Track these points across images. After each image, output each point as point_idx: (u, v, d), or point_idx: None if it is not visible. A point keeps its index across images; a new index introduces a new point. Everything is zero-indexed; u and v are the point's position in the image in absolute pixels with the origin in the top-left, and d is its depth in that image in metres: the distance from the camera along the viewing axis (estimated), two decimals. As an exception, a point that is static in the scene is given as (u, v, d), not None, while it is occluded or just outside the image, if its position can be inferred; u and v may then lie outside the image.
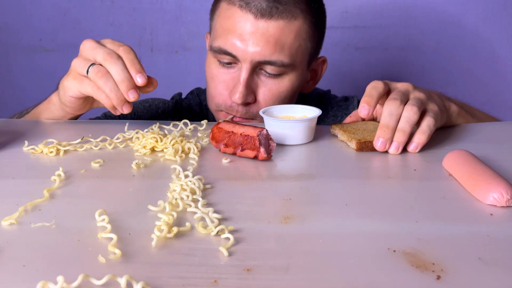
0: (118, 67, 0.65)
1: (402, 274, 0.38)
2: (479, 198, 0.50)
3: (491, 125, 0.82)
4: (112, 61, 0.66)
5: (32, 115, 0.83)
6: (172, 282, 0.37)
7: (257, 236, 0.44)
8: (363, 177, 0.59)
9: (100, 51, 0.67)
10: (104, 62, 0.66)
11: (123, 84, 0.65)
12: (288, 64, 0.82)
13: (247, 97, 0.82)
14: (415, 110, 0.65)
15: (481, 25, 1.44)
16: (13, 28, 1.52)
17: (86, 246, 0.42)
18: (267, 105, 0.84)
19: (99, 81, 0.66)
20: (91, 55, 0.68)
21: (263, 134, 0.61)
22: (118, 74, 0.65)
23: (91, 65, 0.67)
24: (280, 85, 0.84)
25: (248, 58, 0.80)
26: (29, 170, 0.60)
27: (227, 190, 0.54)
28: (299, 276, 0.38)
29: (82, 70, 0.68)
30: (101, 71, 0.66)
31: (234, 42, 0.80)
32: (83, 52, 0.70)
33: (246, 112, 0.85)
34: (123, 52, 0.67)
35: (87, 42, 0.70)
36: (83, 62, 0.68)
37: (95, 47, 0.68)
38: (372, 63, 1.51)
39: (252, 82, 0.83)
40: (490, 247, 0.42)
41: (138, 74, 0.66)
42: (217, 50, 0.83)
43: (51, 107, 0.79)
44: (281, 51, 0.80)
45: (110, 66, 0.66)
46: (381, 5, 1.44)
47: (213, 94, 0.87)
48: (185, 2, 1.47)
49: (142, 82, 0.66)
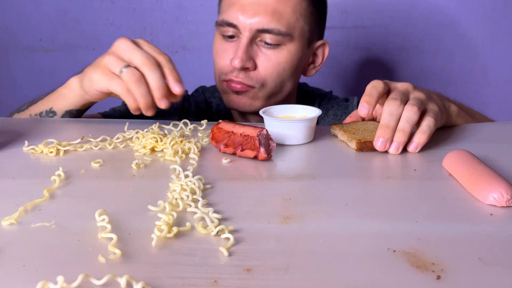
0: (156, 74, 0.66)
1: (402, 274, 0.38)
2: (479, 198, 0.50)
3: (491, 125, 0.82)
4: (151, 67, 0.66)
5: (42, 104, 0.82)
6: (172, 282, 0.37)
7: (257, 236, 0.44)
8: (363, 177, 0.59)
9: (138, 54, 0.67)
10: (142, 67, 0.66)
11: (158, 91, 0.66)
12: (285, 33, 0.87)
13: (245, 62, 0.87)
14: (415, 110, 0.65)
15: (481, 25, 1.44)
16: (13, 28, 1.52)
17: (86, 246, 0.42)
18: (267, 75, 0.89)
19: (132, 85, 0.66)
20: (127, 56, 0.68)
21: (263, 134, 0.61)
22: (155, 81, 0.66)
23: (126, 66, 0.67)
24: (279, 55, 0.89)
25: (248, 27, 0.86)
26: (29, 170, 0.60)
27: (227, 190, 0.54)
28: (299, 276, 0.38)
29: (115, 69, 0.68)
30: (136, 75, 0.66)
31: (236, 13, 0.87)
32: (118, 50, 0.69)
33: (245, 77, 0.89)
34: (164, 61, 0.68)
35: (123, 41, 0.69)
36: (117, 61, 0.68)
37: (132, 48, 0.68)
38: (372, 63, 1.51)
39: (252, 50, 0.89)
40: (490, 247, 0.42)
41: (177, 83, 0.67)
42: (221, 23, 0.90)
43: (68, 93, 0.78)
44: (279, 21, 0.86)
45: (148, 72, 0.66)
46: (381, 5, 1.44)
47: (218, 67, 0.93)
48: (185, 2, 1.47)
49: (179, 91, 0.67)
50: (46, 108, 0.80)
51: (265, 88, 0.91)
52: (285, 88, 0.94)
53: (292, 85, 0.95)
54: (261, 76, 0.89)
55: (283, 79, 0.92)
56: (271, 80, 0.90)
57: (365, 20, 1.44)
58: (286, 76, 0.91)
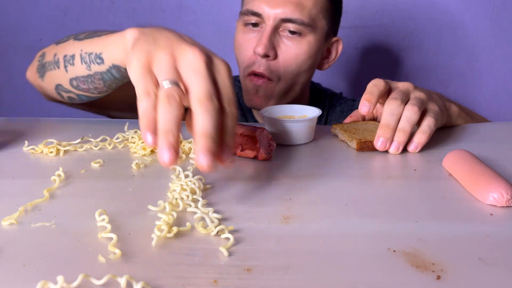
0: (211, 118, 0.44)
1: (402, 274, 0.38)
2: (479, 198, 0.50)
3: (491, 125, 0.82)
4: (206, 107, 0.44)
5: (91, 44, 0.65)
6: (172, 282, 0.37)
7: (257, 236, 0.44)
8: (363, 177, 0.59)
9: (202, 80, 0.46)
10: (197, 101, 0.45)
11: (205, 140, 0.43)
12: (307, 23, 0.91)
13: (268, 50, 0.90)
14: (416, 110, 0.65)
15: (481, 25, 1.44)
16: (13, 28, 1.52)
17: (86, 246, 0.42)
18: (286, 66, 0.92)
19: (162, 105, 0.44)
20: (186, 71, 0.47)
21: (263, 134, 0.61)
22: (206, 127, 0.44)
23: (174, 81, 0.46)
24: (299, 46, 0.92)
25: (272, 16, 0.90)
26: (29, 170, 0.60)
27: (227, 190, 0.54)
28: (299, 276, 0.38)
29: (159, 73, 0.47)
30: (178, 101, 0.44)
31: (260, 4, 0.91)
32: (181, 53, 0.48)
33: (267, 68, 0.92)
34: (231, 114, 0.47)
35: (196, 51, 0.48)
36: (168, 66, 0.47)
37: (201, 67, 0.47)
38: (372, 63, 1.51)
39: (274, 39, 0.91)
40: (490, 247, 0.42)
41: (228, 154, 0.47)
42: (246, 12, 0.93)
43: (121, 44, 0.59)
44: (302, 11, 0.90)
45: (203, 111, 0.44)
46: (381, 5, 1.44)
47: (241, 58, 0.96)
48: (185, 2, 1.47)
49: (226, 161, 0.47)
50: (96, 51, 0.63)
51: (281, 82, 0.94)
52: (299, 81, 0.97)
53: (305, 80, 0.98)
54: (280, 66, 0.92)
55: (300, 71, 0.95)
56: (290, 71, 0.93)
57: (365, 20, 1.44)
58: (303, 68, 0.94)
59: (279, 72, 0.93)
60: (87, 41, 0.66)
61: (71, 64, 0.67)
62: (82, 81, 0.66)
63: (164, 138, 0.43)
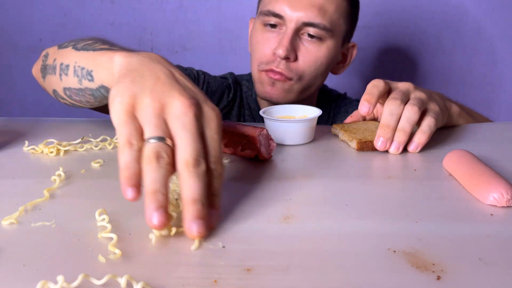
0: (199, 183, 0.42)
1: (402, 274, 0.38)
2: (479, 198, 0.50)
3: (491, 125, 0.82)
4: (194, 172, 0.42)
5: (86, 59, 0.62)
6: (172, 282, 0.37)
7: (257, 236, 0.44)
8: (363, 177, 0.59)
9: (189, 142, 0.43)
10: (183, 163, 0.42)
11: (195, 206, 0.42)
12: (328, 28, 0.91)
13: (289, 52, 0.90)
14: (416, 110, 0.65)
15: (481, 25, 1.44)
16: (13, 28, 1.52)
17: (86, 246, 0.42)
18: (305, 68, 0.93)
19: (149, 163, 0.41)
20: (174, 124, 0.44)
21: (263, 134, 0.61)
22: (194, 192, 0.42)
23: (160, 138, 0.43)
24: (319, 49, 0.93)
25: (294, 19, 0.90)
26: (29, 170, 0.60)
27: (227, 190, 0.54)
28: (299, 276, 0.38)
29: (145, 126, 0.44)
30: (163, 156, 0.42)
31: (283, 6, 0.90)
32: (169, 103, 0.44)
33: (286, 68, 0.92)
34: (217, 173, 0.45)
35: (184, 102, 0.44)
36: (155, 119, 0.44)
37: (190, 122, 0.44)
38: (372, 63, 1.51)
39: (295, 42, 0.91)
40: (490, 247, 0.42)
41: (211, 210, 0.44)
42: (267, 13, 0.92)
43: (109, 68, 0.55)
44: (324, 16, 0.90)
45: (187, 177, 0.42)
46: (381, 5, 1.44)
47: (258, 56, 0.95)
48: (185, 2, 1.47)
49: (213, 224, 0.44)
50: (87, 67, 0.61)
51: (301, 81, 0.95)
52: (316, 83, 0.98)
53: (322, 81, 1.00)
54: (300, 68, 0.93)
55: (318, 74, 0.96)
56: (308, 73, 0.94)
57: (365, 20, 1.44)
58: (321, 71, 0.95)
59: (300, 72, 0.93)
60: (82, 53, 0.63)
61: (65, 74, 0.65)
62: (74, 93, 0.65)
63: (152, 198, 0.40)
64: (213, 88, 1.05)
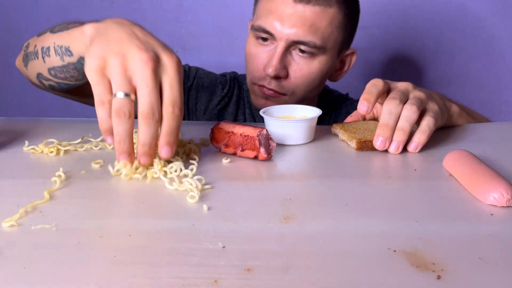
0: (150, 130, 0.53)
1: (402, 274, 0.38)
2: (479, 198, 0.50)
3: (491, 125, 0.82)
4: (148, 122, 0.52)
5: (62, 37, 0.69)
6: (172, 282, 0.37)
7: (257, 236, 0.44)
8: (363, 177, 0.59)
9: (146, 93, 0.52)
10: (140, 114, 0.53)
11: (143, 148, 0.54)
12: (320, 46, 0.89)
13: (279, 71, 0.89)
14: (414, 109, 0.65)
15: (481, 25, 1.44)
16: (13, 28, 1.52)
17: (86, 248, 0.42)
18: (298, 84, 0.92)
19: (116, 119, 0.52)
20: (137, 80, 0.53)
21: (263, 134, 0.61)
22: (145, 137, 0.53)
23: (126, 94, 0.53)
24: (311, 65, 0.91)
25: (284, 37, 0.88)
26: (29, 170, 0.60)
27: (227, 190, 0.54)
28: (299, 276, 0.38)
29: (114, 83, 0.53)
30: (127, 114, 0.52)
31: (273, 22, 0.88)
32: (132, 61, 0.53)
33: (277, 86, 0.92)
34: (169, 117, 0.54)
35: (145, 57, 0.53)
36: (121, 76, 0.53)
37: (147, 77, 0.52)
38: (372, 63, 1.51)
39: (286, 59, 0.90)
40: (490, 247, 0.42)
41: (165, 147, 0.55)
42: (258, 29, 0.91)
43: (81, 39, 0.63)
44: (315, 34, 0.88)
45: (142, 125, 0.53)
46: (381, 5, 1.44)
47: (251, 70, 0.95)
48: (185, 2, 1.47)
49: (166, 157, 0.55)
50: (65, 44, 0.67)
51: (295, 95, 0.94)
52: (311, 94, 0.98)
53: (318, 91, 1.00)
54: (292, 84, 0.92)
55: (312, 88, 0.95)
56: (301, 89, 0.93)
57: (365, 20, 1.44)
58: (315, 85, 0.94)
59: (292, 88, 0.92)
60: (59, 34, 0.70)
61: (47, 55, 0.71)
62: (59, 71, 0.71)
63: (117, 147, 0.54)
64: (205, 83, 1.06)
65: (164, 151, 0.55)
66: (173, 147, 0.55)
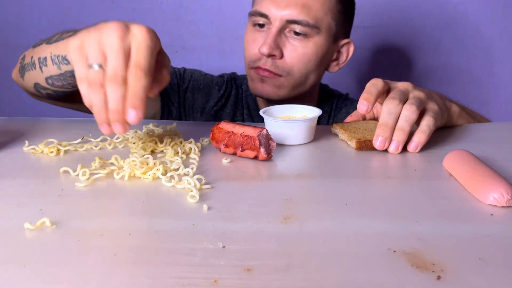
0: (115, 94, 0.54)
1: (402, 274, 0.38)
2: (479, 198, 0.50)
3: (491, 125, 0.82)
4: (113, 85, 0.54)
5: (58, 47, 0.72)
6: (172, 282, 0.37)
7: (257, 236, 0.44)
8: (363, 177, 0.59)
9: (112, 58, 0.54)
10: (107, 79, 0.54)
11: (112, 114, 0.55)
12: (312, 25, 0.91)
13: (273, 50, 0.91)
14: (414, 109, 0.65)
15: (481, 25, 1.44)
16: (13, 28, 1.52)
17: (86, 247, 0.42)
18: (293, 64, 0.93)
19: (92, 89, 0.55)
20: (107, 52, 0.55)
21: (263, 134, 0.61)
22: (111, 103, 0.54)
23: (99, 64, 0.55)
24: (305, 46, 0.93)
25: (278, 18, 0.91)
26: (29, 170, 0.60)
27: (227, 190, 0.54)
28: (299, 276, 0.38)
29: (90, 58, 0.55)
30: (98, 83, 0.54)
31: (268, 5, 0.92)
32: (103, 38, 0.55)
33: (273, 65, 0.93)
34: (131, 78, 0.54)
35: (113, 31, 0.55)
36: (96, 51, 0.55)
37: (113, 45, 0.54)
38: (373, 63, 1.51)
39: (280, 40, 0.93)
40: (490, 247, 0.42)
41: (130, 110, 0.54)
42: (254, 13, 0.95)
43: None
44: (308, 14, 0.91)
45: (108, 89, 0.54)
46: (381, 5, 1.44)
47: (247, 55, 0.98)
48: (185, 2, 1.47)
49: (132, 121, 0.54)
50: (61, 53, 0.70)
51: (291, 77, 0.95)
52: (309, 80, 0.98)
53: (316, 79, 1.00)
54: (287, 65, 0.93)
55: (308, 71, 0.96)
56: (297, 70, 0.94)
57: (365, 20, 1.44)
58: (311, 68, 0.95)
59: (287, 68, 0.94)
60: (55, 44, 0.72)
61: (45, 65, 0.73)
62: (56, 79, 0.73)
63: (97, 117, 0.55)
64: (200, 85, 1.07)
65: (129, 115, 0.53)
66: (140, 111, 0.54)
